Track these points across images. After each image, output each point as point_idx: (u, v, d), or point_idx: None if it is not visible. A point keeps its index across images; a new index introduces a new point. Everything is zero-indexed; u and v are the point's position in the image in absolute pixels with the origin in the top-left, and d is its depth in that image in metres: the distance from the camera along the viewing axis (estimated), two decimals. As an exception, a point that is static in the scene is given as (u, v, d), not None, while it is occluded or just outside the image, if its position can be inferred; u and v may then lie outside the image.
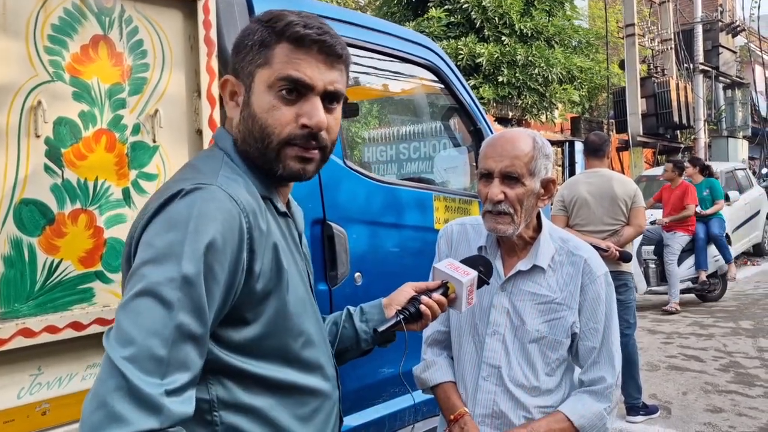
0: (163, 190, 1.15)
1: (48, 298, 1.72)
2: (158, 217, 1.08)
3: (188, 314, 1.01)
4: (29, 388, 1.70)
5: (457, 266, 1.51)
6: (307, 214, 2.41)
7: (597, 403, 1.72)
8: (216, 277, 1.05)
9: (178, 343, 0.99)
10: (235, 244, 1.07)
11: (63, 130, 1.75)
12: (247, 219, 1.10)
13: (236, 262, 1.08)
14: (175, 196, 1.08)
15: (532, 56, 10.15)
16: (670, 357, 6.15)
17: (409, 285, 1.49)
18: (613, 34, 15.76)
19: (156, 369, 0.96)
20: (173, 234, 1.04)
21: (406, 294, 1.47)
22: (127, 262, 1.15)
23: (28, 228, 1.69)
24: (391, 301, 1.47)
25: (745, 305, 8.47)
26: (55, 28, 1.74)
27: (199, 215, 1.05)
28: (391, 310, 1.44)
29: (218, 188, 1.09)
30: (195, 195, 1.08)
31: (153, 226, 1.08)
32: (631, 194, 4.48)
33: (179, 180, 1.15)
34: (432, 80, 3.22)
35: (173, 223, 1.05)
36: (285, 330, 1.18)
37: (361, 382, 2.57)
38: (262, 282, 1.13)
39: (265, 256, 1.14)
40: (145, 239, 1.07)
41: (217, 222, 1.05)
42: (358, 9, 13.15)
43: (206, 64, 2.02)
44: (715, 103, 18.45)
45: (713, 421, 4.47)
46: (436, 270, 1.53)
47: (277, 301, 1.16)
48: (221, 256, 1.05)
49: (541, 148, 1.72)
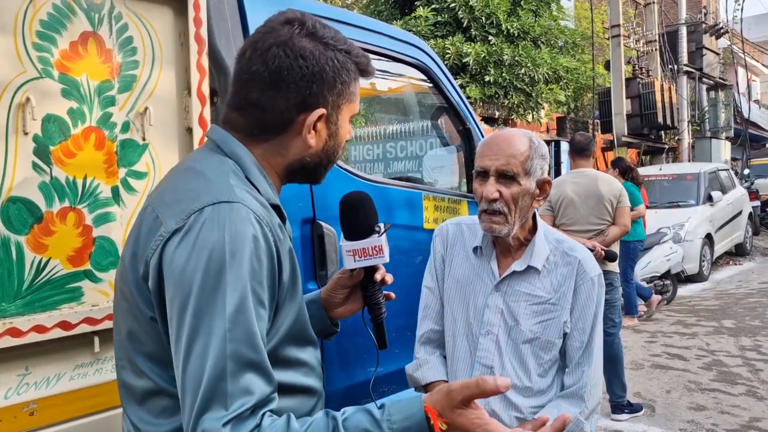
0: (170, 202, 1.12)
1: (36, 297, 1.70)
2: (183, 244, 1.05)
3: (241, 343, 1.02)
4: (17, 389, 1.68)
5: (363, 248, 1.34)
6: (297, 213, 2.42)
7: (572, 407, 1.73)
8: (260, 298, 1.06)
9: (237, 374, 1.01)
10: (267, 261, 1.08)
11: (52, 128, 1.73)
12: (271, 233, 1.10)
13: (272, 277, 1.09)
14: (197, 220, 1.06)
15: (519, 56, 10.18)
16: (654, 356, 6.21)
17: (336, 281, 1.45)
18: (599, 35, 15.84)
19: (220, 402, 0.99)
20: (209, 263, 1.02)
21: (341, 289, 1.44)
22: (144, 282, 1.10)
23: (15, 226, 1.67)
24: (331, 300, 1.46)
25: (727, 304, 8.56)
26: (43, 24, 1.72)
27: (231, 239, 1.04)
28: (349, 310, 1.46)
29: (242, 205, 1.08)
30: (221, 215, 1.06)
31: (181, 253, 1.05)
32: (616, 194, 4.52)
33: (189, 191, 1.12)
34: (421, 79, 3.22)
35: (208, 254, 1.03)
36: (296, 336, 1.20)
37: (350, 381, 2.57)
38: (284, 291, 1.15)
39: (287, 265, 1.15)
40: (177, 272, 1.04)
41: (250, 242, 1.05)
42: (344, 7, 13.12)
43: (197, 62, 2.01)
44: (699, 104, 18.63)
45: (696, 419, 4.52)
46: (356, 265, 1.37)
47: (292, 308, 1.18)
48: (260, 276, 1.06)
49: (537, 148, 1.73)
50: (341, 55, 1.20)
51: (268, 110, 1.18)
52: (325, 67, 1.17)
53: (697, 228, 10.15)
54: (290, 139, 1.21)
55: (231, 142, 1.20)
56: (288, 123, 1.19)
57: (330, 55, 1.18)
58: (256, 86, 1.17)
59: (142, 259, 1.11)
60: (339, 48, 1.20)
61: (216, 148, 1.21)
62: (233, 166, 1.17)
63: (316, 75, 1.17)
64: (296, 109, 1.18)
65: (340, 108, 1.23)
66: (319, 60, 1.17)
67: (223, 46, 2.19)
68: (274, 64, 1.15)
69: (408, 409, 1.06)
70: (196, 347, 1.01)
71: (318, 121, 1.20)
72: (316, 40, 1.18)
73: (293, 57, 1.15)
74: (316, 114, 1.19)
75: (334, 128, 1.23)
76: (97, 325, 1.79)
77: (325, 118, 1.20)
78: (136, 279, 1.12)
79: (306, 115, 1.18)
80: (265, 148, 1.21)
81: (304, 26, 1.18)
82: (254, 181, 1.18)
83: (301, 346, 1.23)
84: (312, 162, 1.24)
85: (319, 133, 1.22)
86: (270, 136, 1.20)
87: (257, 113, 1.18)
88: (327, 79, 1.18)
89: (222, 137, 1.21)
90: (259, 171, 1.20)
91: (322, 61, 1.17)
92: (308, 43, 1.17)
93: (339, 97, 1.21)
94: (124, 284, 1.17)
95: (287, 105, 1.17)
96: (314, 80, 1.17)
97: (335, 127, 1.23)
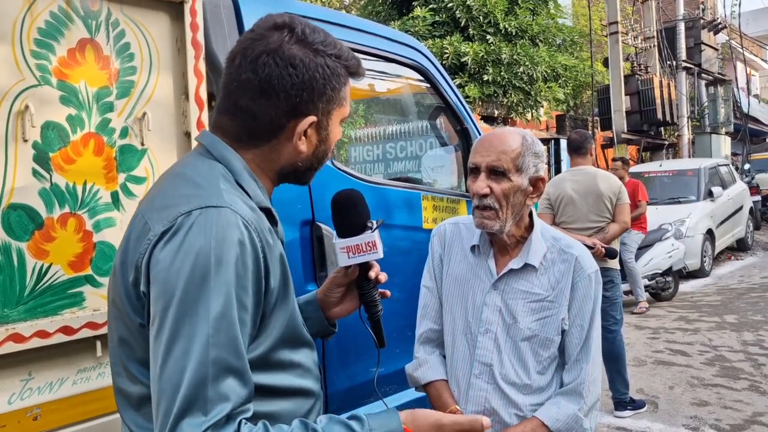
0: (159, 207, 1.12)
1: (38, 303, 1.72)
2: (169, 248, 1.06)
3: (223, 348, 1.02)
4: (20, 394, 1.70)
5: (356, 245, 1.36)
6: (296, 215, 2.43)
7: (571, 404, 1.74)
8: (243, 303, 1.06)
9: (217, 379, 1.01)
10: (253, 266, 1.08)
11: (51, 134, 1.75)
12: (258, 237, 1.11)
13: (257, 282, 1.09)
14: (183, 223, 1.06)
15: (517, 55, 10.19)
16: (657, 352, 6.21)
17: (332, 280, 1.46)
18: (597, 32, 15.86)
19: (200, 408, 0.99)
20: (195, 267, 1.03)
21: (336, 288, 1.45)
22: (134, 287, 1.11)
23: (16, 233, 1.68)
24: (326, 296, 1.46)
25: (729, 300, 8.56)
26: (41, 32, 1.74)
27: (218, 244, 1.04)
28: (346, 309, 1.46)
29: (229, 209, 1.08)
30: (208, 219, 1.06)
31: (166, 254, 1.05)
32: (615, 191, 4.52)
33: (177, 197, 1.12)
34: (418, 80, 3.24)
35: (193, 258, 1.03)
36: (289, 338, 1.21)
37: (352, 381, 2.58)
38: (274, 296, 1.15)
39: (276, 270, 1.15)
40: (162, 273, 1.04)
41: (236, 247, 1.05)
42: (342, 8, 13.13)
43: (194, 67, 2.02)
44: (698, 99, 18.62)
45: (699, 415, 4.53)
46: (350, 262, 1.38)
47: (284, 312, 1.19)
48: (245, 281, 1.06)
49: (530, 146, 1.74)
50: (331, 61, 1.20)
51: (258, 117, 1.18)
52: (315, 74, 1.18)
53: (698, 224, 10.14)
54: (281, 144, 1.21)
55: (221, 146, 1.21)
56: (278, 130, 1.20)
57: (320, 61, 1.18)
58: (246, 93, 1.17)
59: (132, 265, 1.11)
60: (329, 53, 1.20)
61: (206, 153, 1.21)
62: (223, 171, 1.18)
63: (306, 83, 1.17)
64: (286, 117, 1.19)
65: (330, 113, 1.23)
66: (309, 68, 1.17)
67: (220, 50, 2.20)
68: (264, 72, 1.15)
69: (387, 425, 1.11)
70: (176, 350, 1.01)
71: (308, 128, 1.21)
72: (306, 47, 1.18)
73: (283, 65, 1.15)
74: (307, 122, 1.19)
75: (324, 133, 1.24)
76: (98, 330, 1.80)
77: (316, 124, 1.21)
78: (125, 285, 1.13)
79: (296, 122, 1.19)
80: (255, 153, 1.22)
81: (294, 32, 1.18)
82: (244, 185, 1.18)
83: (295, 348, 1.24)
84: (303, 166, 1.26)
85: (310, 139, 1.23)
86: (260, 142, 1.21)
87: (247, 119, 1.19)
88: (317, 87, 1.19)
89: (212, 142, 1.22)
90: (249, 175, 1.20)
91: (312, 68, 1.17)
92: (298, 50, 1.17)
93: (329, 103, 1.22)
94: (114, 292, 1.18)
95: (277, 113, 1.18)
96: (304, 88, 1.17)
97: (325, 132, 1.24)
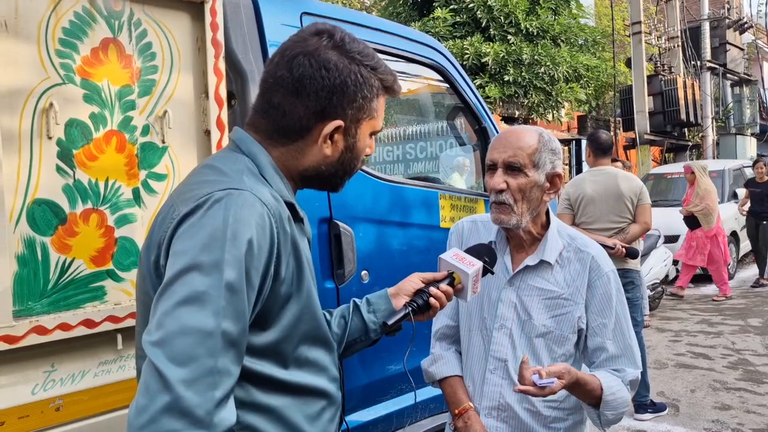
0: (185, 192, 1.16)
1: (61, 296, 1.76)
2: (189, 222, 1.09)
3: (232, 321, 1.04)
4: (43, 385, 1.74)
5: (462, 257, 1.54)
6: (314, 212, 2.45)
7: (625, 391, 1.73)
8: (252, 282, 1.08)
9: (224, 352, 1.02)
10: (266, 248, 1.11)
11: (74, 132, 1.79)
12: (276, 222, 1.13)
13: (267, 266, 1.11)
14: (206, 201, 1.10)
15: (538, 55, 10.12)
16: (678, 355, 6.14)
17: (417, 275, 1.52)
18: (620, 32, 15.71)
19: (210, 384, 0.99)
20: (212, 241, 1.05)
21: (413, 284, 1.49)
22: (155, 266, 1.14)
23: (40, 227, 1.72)
24: (399, 291, 1.49)
25: (754, 303, 8.43)
26: (65, 32, 1.77)
27: (235, 221, 1.07)
28: (399, 300, 1.47)
29: (250, 193, 1.11)
30: (229, 200, 1.09)
31: (187, 232, 1.08)
32: (636, 191, 4.48)
33: (203, 183, 1.16)
34: (437, 80, 3.24)
35: (211, 230, 1.06)
36: (301, 334, 1.22)
37: (369, 378, 2.59)
38: (285, 286, 1.17)
39: (289, 260, 1.17)
40: (181, 247, 1.07)
41: (252, 227, 1.08)
42: (363, 9, 13.17)
43: (214, 66, 2.05)
44: (723, 100, 18.37)
45: (721, 419, 4.47)
46: (443, 261, 1.55)
47: (296, 306, 1.20)
48: (257, 262, 1.09)
49: (546, 142, 1.75)
50: (366, 71, 1.23)
51: (287, 115, 1.22)
52: (347, 80, 1.21)
53: (723, 226, 9.99)
54: (307, 146, 1.25)
55: (249, 142, 1.25)
56: (305, 130, 1.23)
57: (354, 69, 1.22)
58: (279, 91, 1.22)
59: (155, 245, 1.15)
60: (365, 63, 1.23)
61: (235, 148, 1.26)
62: (249, 164, 1.22)
63: (337, 87, 1.21)
64: (314, 118, 1.22)
65: (360, 122, 1.26)
66: (342, 72, 1.21)
67: (240, 49, 2.23)
68: (298, 71, 1.20)
69: None
70: (185, 314, 1.00)
71: (335, 132, 1.24)
72: (342, 53, 1.22)
73: (317, 67, 1.20)
74: (333, 125, 1.22)
75: (351, 141, 1.27)
76: (119, 323, 1.84)
77: (343, 130, 1.24)
78: (148, 267, 1.16)
79: (323, 125, 1.22)
80: (281, 151, 1.25)
81: (333, 38, 1.22)
82: (268, 179, 1.21)
83: (311, 345, 1.25)
84: (327, 171, 1.28)
85: (336, 144, 1.25)
86: (288, 141, 1.25)
87: (278, 117, 1.23)
88: (347, 92, 1.22)
89: (241, 137, 1.26)
90: (274, 170, 1.24)
91: (345, 74, 1.21)
92: (334, 55, 1.21)
93: (359, 111, 1.24)
94: (140, 276, 1.22)
95: (306, 112, 1.21)
96: (335, 92, 1.21)
97: (353, 140, 1.27)
